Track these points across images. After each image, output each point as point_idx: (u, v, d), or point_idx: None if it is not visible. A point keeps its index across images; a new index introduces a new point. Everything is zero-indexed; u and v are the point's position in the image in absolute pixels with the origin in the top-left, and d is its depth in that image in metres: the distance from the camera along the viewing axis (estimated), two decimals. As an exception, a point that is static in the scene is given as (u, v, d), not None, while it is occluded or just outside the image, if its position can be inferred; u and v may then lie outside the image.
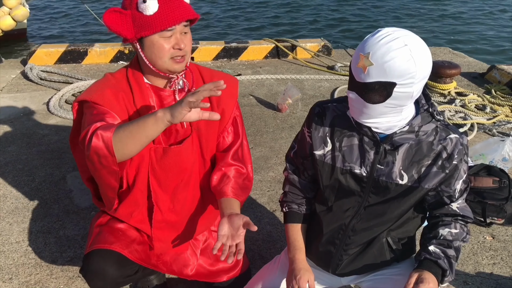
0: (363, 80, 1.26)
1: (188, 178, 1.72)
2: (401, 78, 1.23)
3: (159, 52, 1.46)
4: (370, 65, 1.23)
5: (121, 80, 1.57)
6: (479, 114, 3.95)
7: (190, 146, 1.66)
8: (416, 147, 1.43)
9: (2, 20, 5.06)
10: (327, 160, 1.51)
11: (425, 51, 1.25)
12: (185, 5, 1.46)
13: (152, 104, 1.58)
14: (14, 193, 2.80)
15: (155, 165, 1.64)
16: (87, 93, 1.53)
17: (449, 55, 5.69)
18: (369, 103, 1.29)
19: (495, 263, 2.35)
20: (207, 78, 1.68)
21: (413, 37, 1.25)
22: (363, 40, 1.29)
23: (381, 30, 1.26)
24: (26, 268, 2.22)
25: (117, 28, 1.43)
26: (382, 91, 1.25)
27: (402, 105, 1.30)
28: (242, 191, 1.73)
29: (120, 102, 1.52)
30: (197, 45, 5.20)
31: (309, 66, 5.14)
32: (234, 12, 10.14)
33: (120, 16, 1.43)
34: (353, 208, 1.52)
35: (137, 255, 1.65)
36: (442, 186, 1.46)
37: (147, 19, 1.41)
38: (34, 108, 3.96)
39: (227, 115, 1.72)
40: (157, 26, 1.41)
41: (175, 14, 1.41)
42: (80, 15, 9.29)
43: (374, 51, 1.22)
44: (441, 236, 1.47)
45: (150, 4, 1.39)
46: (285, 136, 3.61)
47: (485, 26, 9.41)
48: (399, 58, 1.20)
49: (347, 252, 1.55)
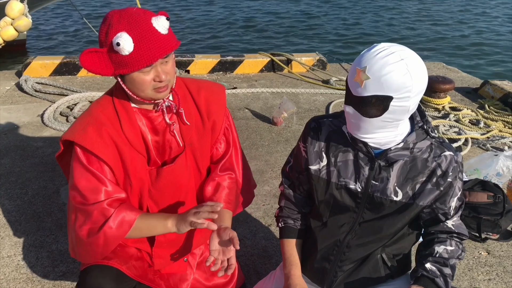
0: (360, 94, 1.26)
1: (185, 195, 1.71)
2: (398, 92, 1.23)
3: (140, 86, 1.42)
4: (367, 79, 1.23)
5: (106, 107, 1.53)
6: (473, 129, 3.98)
7: (184, 162, 1.65)
8: (410, 164, 1.43)
9: (5, 30, 5.06)
10: (322, 175, 1.51)
11: (421, 65, 1.26)
12: (163, 39, 1.38)
13: (143, 127, 1.56)
14: (7, 206, 2.77)
15: (150, 187, 1.63)
16: (71, 132, 1.50)
17: (443, 70, 5.75)
18: (366, 117, 1.29)
19: (491, 278, 2.34)
20: (194, 92, 1.66)
21: (409, 52, 1.26)
22: (359, 54, 1.30)
23: (378, 45, 1.27)
24: (17, 283, 2.18)
25: (95, 69, 1.39)
26: (379, 105, 1.26)
27: (398, 120, 1.31)
28: (236, 199, 1.75)
29: (104, 138, 1.48)
30: (192, 58, 5.22)
31: (304, 80, 5.17)
32: (229, 25, 10.22)
33: (97, 56, 1.39)
34: (348, 224, 1.51)
35: (135, 271, 1.64)
36: (437, 203, 1.46)
37: (123, 58, 1.36)
38: (28, 120, 3.95)
39: (218, 126, 1.71)
40: (134, 66, 1.37)
41: (151, 52, 1.36)
42: (79, 28, 9.33)
43: (371, 65, 1.23)
44: (437, 254, 1.47)
45: (124, 46, 1.33)
46: (280, 149, 3.61)
47: (479, 41, 9.53)
48: (395, 72, 1.21)
49: (342, 269, 1.54)
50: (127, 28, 1.34)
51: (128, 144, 1.53)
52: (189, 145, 1.65)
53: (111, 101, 1.54)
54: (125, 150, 1.52)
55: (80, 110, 4.12)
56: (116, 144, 1.51)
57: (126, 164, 1.53)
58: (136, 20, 1.36)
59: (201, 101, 1.66)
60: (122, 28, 1.34)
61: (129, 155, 1.53)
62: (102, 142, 1.48)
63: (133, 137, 1.53)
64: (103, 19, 1.42)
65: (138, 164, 1.57)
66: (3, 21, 5.07)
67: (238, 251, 1.92)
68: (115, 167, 1.51)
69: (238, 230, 2.60)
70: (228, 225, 1.59)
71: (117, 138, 1.51)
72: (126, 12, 1.38)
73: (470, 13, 11.93)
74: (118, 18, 1.37)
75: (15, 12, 5.05)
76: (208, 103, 1.67)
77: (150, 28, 1.36)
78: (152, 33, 1.36)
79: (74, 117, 3.96)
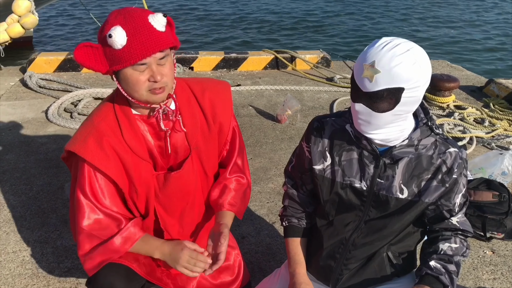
0: (371, 90, 1.25)
1: (193, 200, 1.70)
2: (409, 82, 1.23)
3: (134, 86, 1.39)
4: (377, 73, 1.23)
5: (107, 116, 1.51)
6: (478, 128, 3.97)
7: (191, 167, 1.64)
8: (415, 161, 1.43)
9: (11, 28, 5.08)
10: (326, 174, 1.50)
11: (425, 55, 1.28)
12: (158, 35, 1.34)
13: (145, 133, 1.54)
14: (12, 202, 2.78)
15: (158, 192, 1.62)
16: (72, 143, 1.49)
17: (447, 68, 5.73)
18: (378, 112, 1.28)
19: (495, 278, 2.34)
20: (198, 94, 1.63)
21: (412, 43, 1.27)
22: (362, 51, 1.29)
23: (380, 40, 1.28)
24: (22, 279, 2.19)
25: (89, 64, 1.37)
26: (390, 98, 1.25)
27: (409, 111, 1.31)
28: (242, 202, 1.74)
29: (105, 149, 1.47)
30: (196, 55, 5.21)
31: (308, 77, 5.16)
32: (233, 22, 10.20)
33: (92, 51, 1.36)
34: (354, 223, 1.51)
35: (144, 269, 1.64)
36: (442, 200, 1.46)
37: (116, 53, 1.33)
38: (32, 116, 3.95)
39: (225, 128, 1.70)
40: (126, 61, 1.33)
41: (144, 47, 1.32)
42: (86, 24, 9.35)
43: (379, 58, 1.23)
44: (442, 251, 1.46)
45: (116, 39, 1.30)
46: (284, 147, 3.61)
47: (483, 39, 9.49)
48: (405, 62, 1.22)
49: (347, 267, 1.54)
50: (122, 23, 1.33)
51: (130, 151, 1.51)
52: (195, 148, 1.63)
53: (112, 108, 1.52)
54: (127, 158, 1.51)
55: (84, 106, 4.13)
56: (118, 153, 1.49)
57: (130, 172, 1.53)
58: (132, 16, 1.35)
59: (206, 104, 1.63)
60: (117, 22, 1.34)
61: (132, 162, 1.52)
62: (102, 153, 1.47)
63: (135, 144, 1.52)
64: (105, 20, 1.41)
65: (143, 171, 1.56)
66: (10, 18, 5.09)
67: (242, 248, 1.92)
68: (117, 178, 1.50)
69: (242, 228, 2.60)
70: (227, 223, 1.62)
71: (119, 147, 1.49)
72: (125, 9, 1.38)
73: (475, 10, 11.88)
74: (116, 15, 1.36)
75: (21, 10, 5.06)
76: (214, 105, 1.65)
77: (145, 23, 1.34)
78: (147, 28, 1.34)
79: (78, 113, 3.97)
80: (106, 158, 1.47)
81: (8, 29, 5.08)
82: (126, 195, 1.56)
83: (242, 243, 2.46)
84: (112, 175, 1.49)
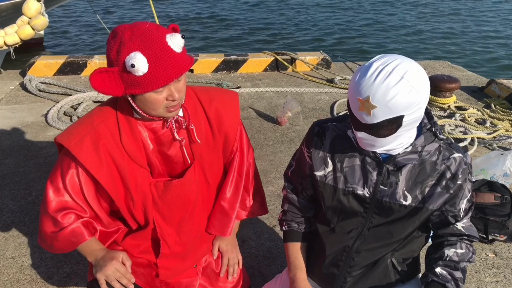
0: (370, 122, 1.23)
1: (192, 209, 1.68)
2: (408, 109, 1.20)
3: (152, 105, 1.36)
4: (374, 108, 1.19)
5: (108, 117, 1.48)
6: (479, 129, 3.95)
7: (193, 176, 1.61)
8: (419, 167, 1.40)
9: (22, 30, 5.06)
10: (328, 181, 1.48)
11: (421, 75, 1.21)
12: (178, 60, 1.31)
13: (145, 138, 1.51)
14: (11, 206, 2.77)
15: (157, 200, 1.59)
16: (66, 136, 1.46)
17: (448, 68, 5.71)
18: (381, 137, 1.27)
19: (498, 281, 2.31)
20: (205, 104, 1.60)
21: (405, 63, 1.20)
22: (353, 82, 1.23)
23: (370, 67, 1.21)
24: (21, 284, 2.18)
25: (105, 90, 1.33)
26: (392, 125, 1.23)
27: (412, 128, 1.29)
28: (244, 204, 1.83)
29: (100, 153, 1.44)
30: (196, 57, 5.20)
31: (309, 79, 5.14)
32: (234, 25, 10.20)
33: (107, 76, 1.31)
34: (357, 229, 1.49)
35: (143, 279, 1.62)
36: (447, 206, 1.44)
37: (136, 78, 1.29)
38: (32, 120, 3.94)
39: (231, 138, 1.67)
40: (148, 86, 1.30)
41: (167, 73, 1.29)
42: (94, 26, 9.37)
43: (373, 93, 1.18)
44: (447, 257, 1.44)
45: (139, 68, 1.26)
46: (284, 149, 3.59)
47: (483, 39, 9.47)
48: (400, 93, 1.17)
49: (351, 274, 1.52)
50: (141, 47, 1.26)
51: (127, 157, 1.48)
52: (198, 157, 1.61)
53: (114, 111, 1.49)
54: (124, 164, 1.48)
55: (84, 110, 4.11)
56: (113, 159, 1.46)
57: (125, 179, 1.49)
58: (150, 39, 1.27)
59: (212, 114, 1.60)
60: (136, 47, 1.26)
61: (129, 169, 1.49)
62: (96, 157, 1.44)
63: (133, 151, 1.49)
64: (112, 34, 1.33)
65: (139, 178, 1.53)
66: (20, 20, 5.07)
67: (243, 252, 1.91)
68: (107, 184, 1.47)
69: (243, 231, 2.58)
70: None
71: (115, 152, 1.46)
72: (138, 28, 1.29)
73: (476, 10, 11.86)
74: (130, 36, 1.28)
75: (32, 11, 5.05)
76: (220, 116, 1.62)
77: (165, 47, 1.29)
78: (167, 52, 1.29)
79: (78, 116, 3.96)
80: (99, 163, 1.44)
81: (18, 31, 5.07)
82: (122, 203, 1.53)
83: (242, 247, 2.45)
84: (101, 181, 1.46)
